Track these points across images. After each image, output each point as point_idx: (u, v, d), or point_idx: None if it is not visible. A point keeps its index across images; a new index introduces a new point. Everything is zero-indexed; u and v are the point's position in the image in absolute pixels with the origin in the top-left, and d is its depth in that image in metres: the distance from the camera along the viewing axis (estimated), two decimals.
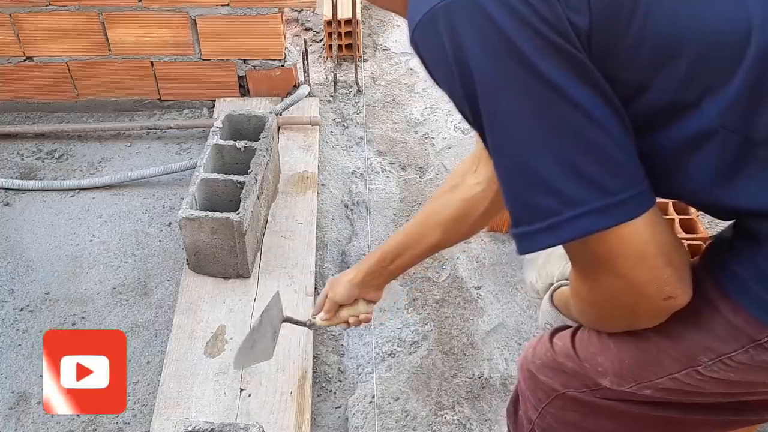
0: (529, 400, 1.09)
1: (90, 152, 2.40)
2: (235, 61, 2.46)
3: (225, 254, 1.79)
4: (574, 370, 0.97)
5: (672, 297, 0.76)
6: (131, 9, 2.33)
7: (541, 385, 1.05)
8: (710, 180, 0.75)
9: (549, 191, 0.71)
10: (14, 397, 1.66)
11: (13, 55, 2.42)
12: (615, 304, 0.80)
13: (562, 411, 1.03)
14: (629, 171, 0.72)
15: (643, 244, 0.73)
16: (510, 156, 0.74)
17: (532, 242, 0.75)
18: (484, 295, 1.94)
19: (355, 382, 1.72)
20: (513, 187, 0.75)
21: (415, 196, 2.27)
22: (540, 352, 1.05)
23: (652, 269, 0.74)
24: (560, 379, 1.01)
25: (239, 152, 1.96)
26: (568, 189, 0.71)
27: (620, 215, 0.71)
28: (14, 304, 1.87)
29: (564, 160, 0.71)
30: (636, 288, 0.75)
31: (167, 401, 1.56)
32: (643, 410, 0.94)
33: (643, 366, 0.88)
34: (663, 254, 0.74)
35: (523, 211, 0.75)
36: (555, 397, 1.03)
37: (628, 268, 0.74)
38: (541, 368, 1.04)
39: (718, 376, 0.82)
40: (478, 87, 0.72)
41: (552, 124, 0.70)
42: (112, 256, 2.01)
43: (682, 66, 0.70)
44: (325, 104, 2.63)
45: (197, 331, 1.71)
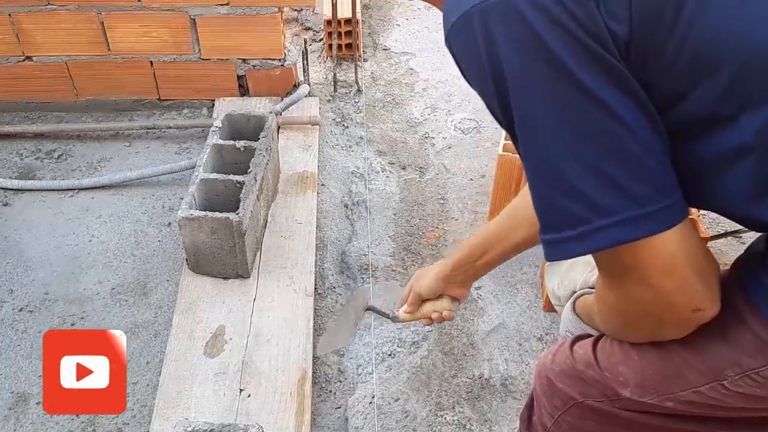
0: (545, 406, 1.08)
1: (89, 152, 2.39)
2: (235, 60, 2.46)
3: (224, 254, 1.79)
4: (594, 379, 0.96)
5: (700, 309, 0.75)
6: (131, 9, 2.32)
7: (558, 392, 1.04)
8: (744, 195, 0.74)
9: (579, 198, 0.71)
10: (13, 397, 1.66)
11: (12, 55, 2.41)
12: (641, 313, 0.80)
13: (579, 420, 1.02)
14: (662, 180, 0.72)
15: (674, 255, 0.72)
16: (540, 159, 0.74)
17: (561, 250, 0.74)
18: (484, 295, 1.93)
19: (355, 383, 1.72)
20: (542, 190, 0.75)
21: (415, 196, 2.27)
22: (559, 359, 1.04)
23: (681, 280, 0.73)
24: (579, 388, 0.99)
25: (239, 152, 1.96)
26: (598, 197, 0.70)
27: (652, 226, 0.71)
28: (13, 304, 1.87)
29: (596, 166, 0.70)
30: (664, 299, 0.74)
31: (167, 402, 1.55)
32: (664, 422, 0.93)
33: (666, 378, 0.87)
34: (693, 265, 0.73)
35: (553, 216, 0.74)
36: (572, 405, 1.02)
37: (657, 278, 0.73)
38: (560, 375, 1.03)
39: (744, 391, 0.81)
40: (509, 86, 0.71)
41: (582, 128, 0.70)
42: (112, 256, 2.01)
43: (723, 79, 0.69)
44: (325, 104, 2.62)
45: (197, 332, 1.70)
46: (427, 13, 3.27)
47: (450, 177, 2.35)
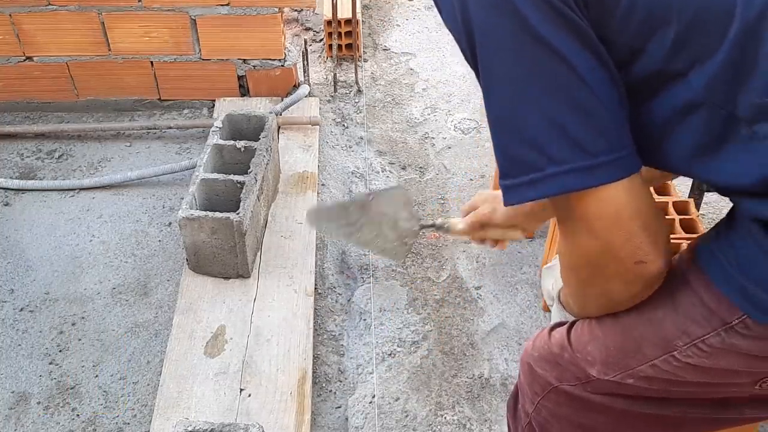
0: (527, 393, 1.10)
1: (90, 152, 2.40)
2: (235, 60, 2.46)
3: (225, 254, 1.79)
4: (568, 361, 0.99)
5: (643, 262, 0.77)
6: (131, 9, 2.32)
7: (537, 378, 1.06)
8: (691, 152, 0.76)
9: (534, 146, 0.74)
10: (14, 397, 1.66)
11: (13, 55, 2.42)
12: (590, 267, 0.82)
13: (556, 406, 1.04)
14: (616, 134, 0.74)
15: (620, 207, 0.74)
16: (501, 107, 0.77)
17: (515, 194, 0.77)
18: (484, 295, 1.94)
19: (355, 382, 1.72)
20: (502, 138, 0.78)
21: (415, 196, 2.27)
22: (538, 344, 1.06)
23: (626, 232, 0.75)
24: (555, 372, 1.02)
25: (239, 152, 1.96)
26: (553, 146, 0.73)
27: (601, 177, 0.73)
28: (14, 304, 1.87)
29: (552, 117, 0.73)
30: (609, 249, 0.77)
31: (167, 401, 1.55)
32: (631, 406, 0.95)
33: (626, 353, 0.89)
34: (639, 219, 0.75)
35: (510, 163, 0.77)
36: (550, 390, 1.04)
37: (603, 229, 0.76)
38: (538, 360, 1.05)
39: (693, 362, 0.83)
40: (475, 35, 0.75)
41: (543, 81, 0.73)
42: (112, 256, 2.01)
43: (671, 33, 0.72)
44: (325, 104, 2.63)
45: (197, 331, 1.71)
46: (426, 13, 3.28)
47: (450, 177, 2.35)
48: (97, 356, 1.75)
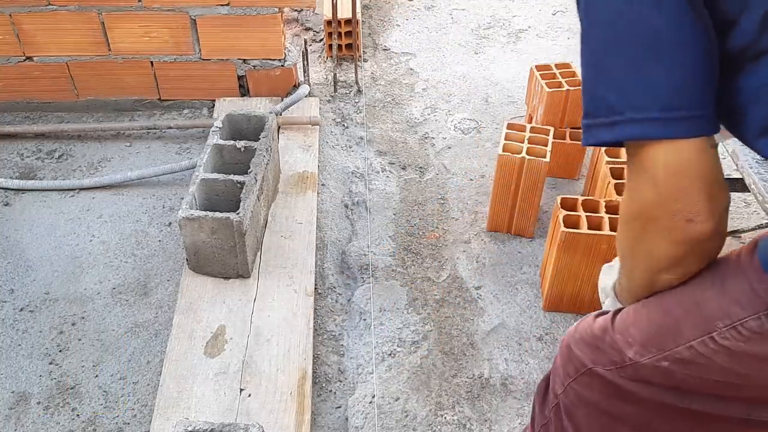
0: (560, 375, 1.11)
1: (90, 152, 2.40)
2: (235, 61, 2.46)
3: (225, 254, 1.79)
4: (607, 343, 0.99)
5: (692, 220, 0.79)
6: (131, 9, 2.33)
7: (573, 359, 1.07)
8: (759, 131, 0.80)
9: (618, 91, 0.78)
10: (14, 397, 1.66)
11: (13, 55, 2.42)
12: (643, 217, 0.84)
13: (585, 389, 1.05)
14: (699, 94, 0.77)
15: (687, 164, 0.77)
16: (594, 50, 0.81)
17: (593, 135, 0.82)
18: (484, 295, 1.94)
19: (355, 382, 1.72)
20: (590, 79, 0.82)
21: (415, 196, 2.27)
22: (581, 327, 1.07)
23: (685, 188, 0.78)
24: (592, 355, 1.02)
25: (239, 152, 1.96)
26: (637, 93, 0.77)
27: (676, 131, 0.77)
28: (14, 304, 1.87)
29: (640, 66, 0.77)
30: (665, 202, 0.80)
31: (167, 401, 1.55)
32: (661, 396, 0.95)
33: (666, 333, 0.90)
34: (702, 180, 0.78)
35: (594, 104, 0.82)
36: (583, 372, 1.04)
37: (665, 181, 0.79)
38: (578, 342, 1.06)
39: (729, 345, 0.83)
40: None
41: (638, 30, 0.76)
42: (112, 256, 2.01)
43: (761, 10, 0.74)
44: (325, 104, 2.63)
45: (197, 331, 1.71)
46: (426, 13, 3.28)
47: (450, 177, 2.35)
48: (97, 356, 1.75)
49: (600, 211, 1.79)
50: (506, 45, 3.05)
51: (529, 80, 2.43)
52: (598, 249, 1.73)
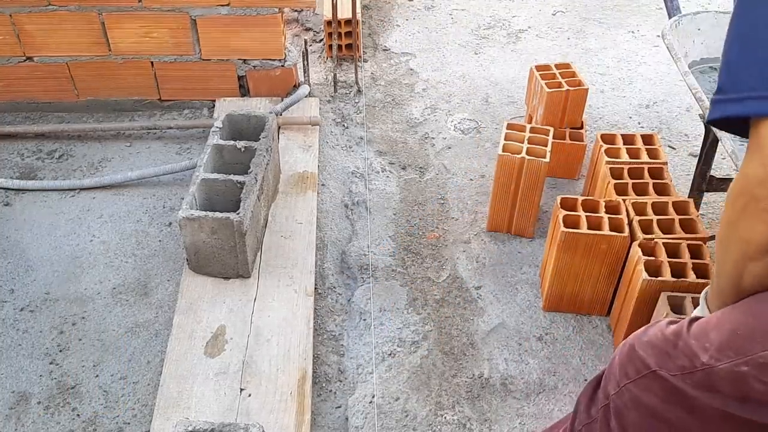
0: (615, 375, 1.09)
1: (90, 152, 2.40)
2: (235, 61, 2.46)
3: (225, 254, 1.79)
4: (679, 348, 0.98)
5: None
6: (131, 9, 2.33)
7: (636, 360, 1.05)
8: None
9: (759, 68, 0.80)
10: (14, 397, 1.66)
11: (13, 55, 2.42)
12: (746, 195, 0.85)
13: (643, 392, 1.03)
14: None
15: None
16: (744, 25, 0.83)
17: (719, 108, 0.84)
18: (484, 295, 1.94)
19: (355, 382, 1.72)
20: (732, 56, 0.84)
21: (415, 196, 2.27)
22: (651, 332, 1.06)
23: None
24: (658, 358, 1.01)
25: (239, 152, 1.97)
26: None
27: None
28: (14, 304, 1.87)
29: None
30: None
31: (167, 401, 1.56)
32: (725, 405, 0.93)
33: (753, 336, 0.88)
34: None
35: (729, 79, 0.84)
36: (645, 375, 1.03)
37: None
38: (645, 345, 1.05)
39: None
40: None
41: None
42: (112, 256, 2.01)
43: None
44: (325, 104, 2.63)
45: (197, 331, 1.71)
46: (426, 13, 3.28)
47: (450, 177, 2.35)
48: (98, 356, 1.75)
49: (600, 211, 1.79)
50: (506, 45, 3.06)
51: (529, 80, 2.43)
52: (598, 249, 1.73)
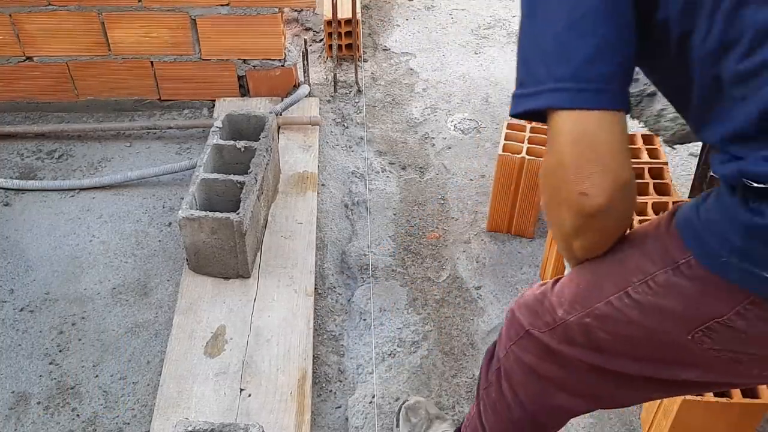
0: (503, 339, 1.15)
1: (90, 152, 2.40)
2: (235, 61, 2.46)
3: (225, 254, 1.79)
4: (545, 307, 1.04)
5: (585, 194, 0.81)
6: (131, 9, 2.32)
7: (515, 322, 1.11)
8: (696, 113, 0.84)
9: (547, 62, 0.81)
10: (14, 397, 1.66)
11: (13, 55, 2.42)
12: (549, 185, 0.87)
13: (523, 351, 1.09)
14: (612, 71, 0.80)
15: (587, 134, 0.80)
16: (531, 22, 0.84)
17: (519, 103, 0.84)
18: (484, 295, 1.94)
19: (355, 382, 1.72)
20: (525, 50, 0.85)
21: (415, 196, 2.27)
22: (527, 293, 1.12)
23: (579, 157, 0.80)
24: (531, 318, 1.07)
25: (239, 152, 1.96)
26: (559, 64, 0.80)
27: (579, 101, 0.79)
28: (14, 304, 1.87)
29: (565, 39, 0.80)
30: (562, 169, 0.82)
31: (167, 401, 1.56)
32: (585, 356, 0.99)
33: (590, 290, 0.95)
34: (599, 151, 0.80)
35: (527, 73, 0.84)
36: (522, 335, 1.08)
37: (564, 147, 0.81)
38: (521, 306, 1.11)
39: (641, 299, 0.88)
40: None
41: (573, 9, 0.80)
42: (112, 256, 2.01)
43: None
44: (325, 104, 2.63)
45: (197, 331, 1.71)
46: (426, 13, 3.28)
47: (450, 177, 2.35)
48: (97, 356, 1.75)
49: None
50: (506, 45, 3.05)
51: None
52: None
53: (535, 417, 1.14)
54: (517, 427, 1.18)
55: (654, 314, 0.88)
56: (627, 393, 1.04)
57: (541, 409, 1.12)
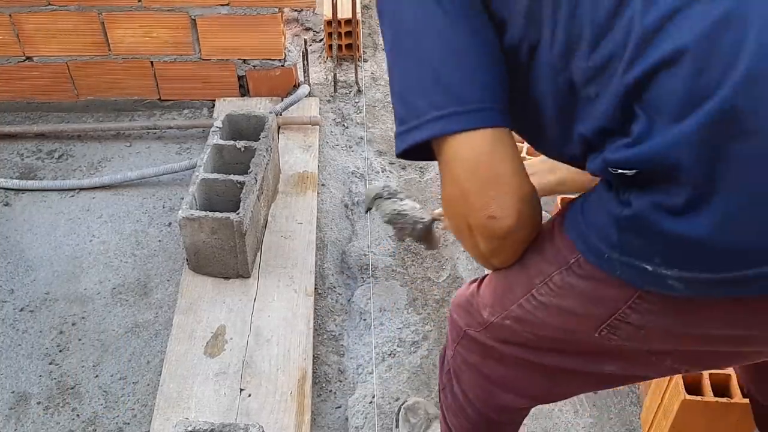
0: (449, 341, 1.17)
1: (90, 152, 2.39)
2: (235, 61, 2.46)
3: (225, 254, 1.79)
4: (475, 307, 1.05)
5: (494, 217, 0.81)
6: (131, 9, 2.32)
7: (454, 324, 1.12)
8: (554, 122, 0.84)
9: (424, 93, 0.81)
10: (14, 397, 1.66)
11: (13, 55, 2.41)
12: (455, 215, 0.87)
13: (467, 352, 1.10)
14: (489, 90, 0.81)
15: (479, 155, 0.80)
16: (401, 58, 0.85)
17: (403, 140, 0.83)
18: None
19: (355, 382, 1.72)
20: (400, 87, 0.85)
21: (415, 196, 2.27)
22: (459, 293, 1.13)
23: (481, 181, 0.81)
24: (465, 318, 1.08)
25: (239, 152, 1.96)
26: (436, 93, 0.80)
27: (465, 123, 0.79)
28: (14, 304, 1.87)
29: (438, 69, 0.81)
30: (465, 198, 0.82)
31: (167, 401, 1.56)
32: (519, 353, 1.00)
33: (504, 294, 0.96)
34: (496, 172, 0.81)
35: (405, 109, 0.83)
36: (462, 336, 1.10)
37: (462, 175, 0.81)
38: (456, 308, 1.12)
39: (545, 300, 0.89)
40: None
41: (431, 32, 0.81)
42: (112, 256, 2.01)
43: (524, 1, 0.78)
44: (325, 104, 2.63)
45: (197, 331, 1.71)
46: None
47: None
48: (97, 356, 1.75)
49: None
50: None
51: None
52: None
53: (488, 415, 1.16)
54: (475, 426, 1.19)
55: (559, 314, 0.89)
56: (562, 386, 1.05)
57: (490, 407, 1.14)
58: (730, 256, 0.70)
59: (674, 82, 0.68)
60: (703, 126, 0.66)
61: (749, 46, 0.65)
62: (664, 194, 0.71)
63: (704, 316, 0.79)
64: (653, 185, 0.72)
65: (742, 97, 0.65)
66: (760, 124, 0.65)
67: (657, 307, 0.80)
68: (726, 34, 0.66)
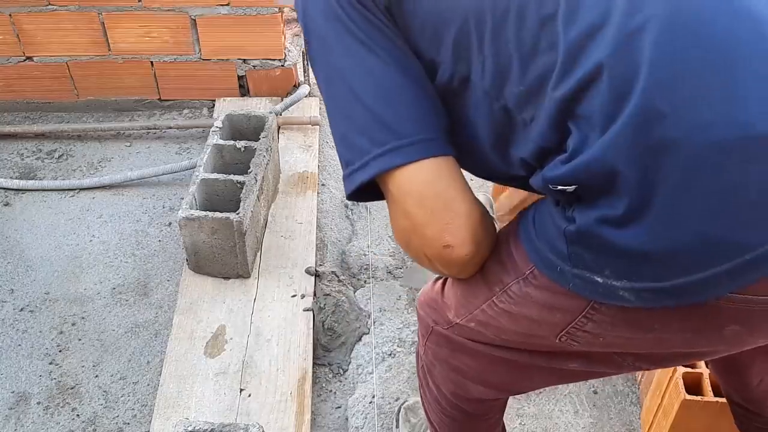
0: (420, 337, 1.18)
1: (90, 152, 2.39)
2: (235, 61, 2.46)
3: (225, 254, 1.79)
4: (440, 305, 1.06)
5: (450, 246, 0.83)
6: (131, 9, 2.32)
7: (422, 321, 1.13)
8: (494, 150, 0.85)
9: (365, 133, 0.83)
10: (14, 397, 1.66)
11: (13, 55, 2.41)
12: (410, 248, 0.88)
13: (436, 347, 1.11)
14: (426, 122, 0.83)
15: (425, 186, 0.82)
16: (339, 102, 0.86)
17: (351, 180, 0.85)
18: None
19: (355, 383, 1.72)
20: (342, 129, 0.86)
21: None
22: (425, 290, 1.14)
23: (428, 211, 0.82)
24: (433, 316, 1.09)
25: (239, 152, 1.96)
26: (376, 131, 0.82)
27: (406, 156, 0.81)
28: (14, 304, 1.87)
29: (375, 108, 0.82)
30: (418, 229, 0.83)
31: (167, 401, 1.56)
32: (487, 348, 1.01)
33: (467, 298, 0.97)
34: (444, 201, 0.82)
35: (349, 152, 0.85)
36: (430, 333, 1.11)
37: (411, 208, 0.83)
38: (423, 305, 1.13)
39: (505, 308, 0.90)
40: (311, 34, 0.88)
41: (363, 75, 0.84)
42: (112, 256, 2.01)
43: (450, 40, 0.81)
44: None
45: (197, 331, 1.71)
46: None
47: None
48: (97, 356, 1.75)
49: None
50: None
51: None
52: None
53: (461, 407, 1.17)
54: (452, 419, 1.21)
55: (520, 321, 0.90)
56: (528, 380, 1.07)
57: (461, 400, 1.15)
58: (672, 264, 0.71)
59: (599, 95, 0.70)
60: (627, 127, 0.68)
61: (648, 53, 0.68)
62: (606, 207, 0.72)
63: (659, 324, 0.79)
64: (594, 198, 0.73)
65: (658, 99, 0.67)
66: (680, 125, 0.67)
67: (611, 318, 0.80)
68: (633, 44, 0.68)
